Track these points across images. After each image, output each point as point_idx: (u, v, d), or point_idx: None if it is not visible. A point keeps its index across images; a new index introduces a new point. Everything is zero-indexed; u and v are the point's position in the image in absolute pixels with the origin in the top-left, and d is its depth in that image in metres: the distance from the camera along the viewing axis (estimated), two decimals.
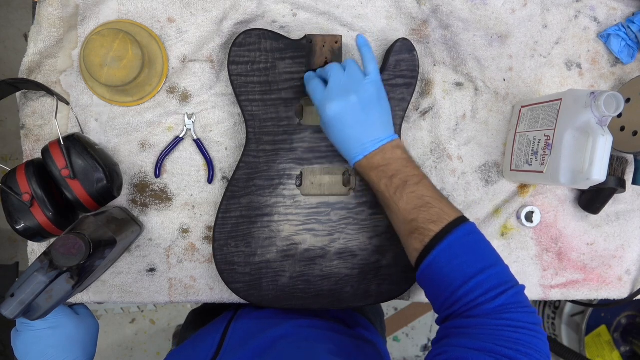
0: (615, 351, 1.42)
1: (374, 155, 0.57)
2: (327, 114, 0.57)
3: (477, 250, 0.53)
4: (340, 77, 0.58)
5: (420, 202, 0.55)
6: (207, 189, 0.72)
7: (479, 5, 0.74)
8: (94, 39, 0.62)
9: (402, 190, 0.56)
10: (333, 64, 0.60)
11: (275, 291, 0.67)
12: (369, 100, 0.57)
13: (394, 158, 0.57)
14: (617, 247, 0.79)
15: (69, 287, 0.53)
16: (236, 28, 0.71)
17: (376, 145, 0.58)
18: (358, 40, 0.62)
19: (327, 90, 0.58)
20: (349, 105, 0.57)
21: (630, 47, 0.76)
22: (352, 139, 0.58)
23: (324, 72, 0.60)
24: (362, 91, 0.57)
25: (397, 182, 0.56)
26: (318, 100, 0.59)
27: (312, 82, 0.60)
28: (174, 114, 0.71)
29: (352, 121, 0.57)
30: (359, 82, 0.58)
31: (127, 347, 1.79)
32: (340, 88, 0.57)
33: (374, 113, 0.58)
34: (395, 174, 0.57)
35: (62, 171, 0.60)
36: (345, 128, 0.58)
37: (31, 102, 0.69)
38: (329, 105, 0.57)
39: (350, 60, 0.60)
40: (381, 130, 0.58)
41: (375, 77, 0.59)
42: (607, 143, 0.57)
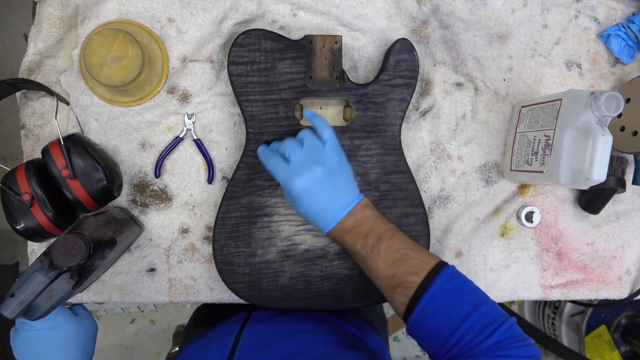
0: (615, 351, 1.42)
1: (346, 220, 0.58)
2: (295, 191, 0.57)
3: (462, 293, 0.53)
4: (300, 152, 0.58)
5: (397, 256, 0.55)
6: (207, 189, 0.72)
7: (479, 5, 0.74)
8: (94, 39, 0.62)
9: (378, 247, 0.56)
10: (288, 141, 0.59)
11: (275, 291, 0.67)
12: (333, 169, 0.58)
13: (364, 217, 0.58)
14: (617, 247, 0.79)
15: (69, 287, 0.53)
16: (236, 28, 0.71)
17: (346, 210, 0.58)
18: (306, 115, 0.61)
19: (290, 167, 0.57)
20: (315, 178, 0.57)
21: (630, 47, 0.76)
22: (323, 209, 0.58)
23: (281, 148, 0.60)
24: (325, 160, 0.57)
25: (371, 240, 0.57)
26: (282, 177, 0.58)
27: (272, 160, 0.59)
28: (174, 114, 0.71)
29: (320, 192, 0.57)
30: (320, 151, 0.58)
31: (127, 347, 1.79)
32: (303, 162, 0.57)
33: (340, 179, 0.58)
34: (369, 232, 0.57)
35: (62, 171, 0.60)
36: (314, 200, 0.58)
37: (31, 102, 0.69)
38: (295, 181, 0.57)
39: (304, 131, 0.60)
40: (348, 194, 0.59)
41: (333, 142, 0.59)
42: (607, 143, 0.57)
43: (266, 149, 0.62)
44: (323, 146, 0.58)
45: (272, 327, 0.66)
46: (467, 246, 0.76)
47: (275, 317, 0.69)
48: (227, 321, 0.72)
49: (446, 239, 0.75)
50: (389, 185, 0.68)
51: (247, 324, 0.67)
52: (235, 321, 0.70)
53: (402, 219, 0.68)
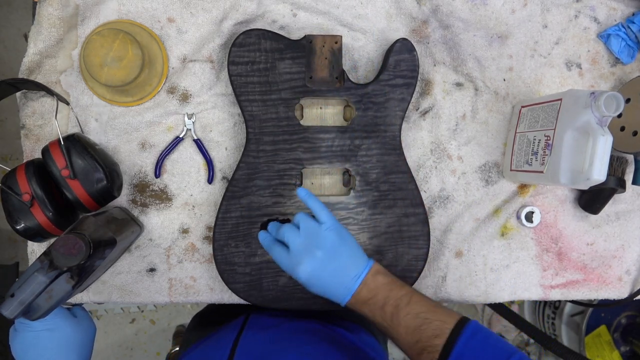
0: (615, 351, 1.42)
1: (360, 291, 0.58)
2: (301, 277, 0.58)
3: (488, 348, 0.53)
4: (298, 238, 0.58)
5: (418, 322, 0.55)
6: (207, 189, 0.72)
7: (479, 5, 0.74)
8: (94, 39, 0.62)
9: (397, 316, 0.56)
10: (286, 227, 0.59)
11: (275, 291, 0.67)
12: (333, 248, 0.58)
13: (377, 287, 0.58)
14: (617, 247, 0.79)
15: (69, 287, 0.53)
16: (236, 28, 0.71)
17: (357, 281, 0.58)
18: (300, 195, 0.61)
19: (290, 255, 0.58)
20: (318, 262, 0.57)
21: (630, 47, 0.76)
22: (334, 287, 0.59)
23: (279, 235, 0.60)
24: (323, 242, 0.58)
25: (389, 309, 0.57)
26: (286, 267, 0.59)
27: (274, 251, 0.60)
28: (174, 114, 0.71)
29: (327, 273, 0.58)
30: (317, 234, 0.58)
31: (127, 347, 1.79)
32: (303, 248, 0.58)
33: (344, 256, 0.59)
34: (385, 302, 0.57)
35: (62, 171, 0.60)
36: (323, 282, 0.58)
37: (31, 102, 0.69)
38: (299, 269, 0.58)
39: (300, 215, 0.60)
40: (355, 266, 0.59)
41: (331, 223, 0.59)
42: (607, 143, 0.57)
43: (267, 236, 0.63)
44: (319, 227, 0.59)
45: (269, 336, 0.66)
46: (467, 246, 0.76)
47: (272, 327, 0.69)
48: (224, 328, 0.72)
49: (446, 239, 0.75)
50: (389, 185, 0.68)
51: (243, 332, 0.67)
52: (232, 328, 0.69)
53: (402, 219, 0.68)
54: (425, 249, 0.69)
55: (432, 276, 0.75)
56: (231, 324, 0.71)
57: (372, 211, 0.68)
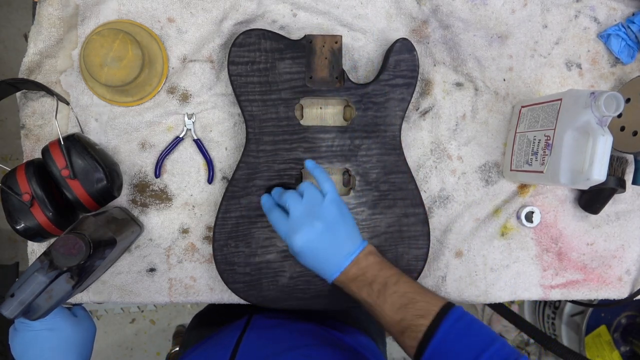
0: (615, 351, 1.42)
1: (350, 269, 0.58)
2: (296, 245, 0.57)
3: (471, 333, 0.53)
4: (300, 205, 0.58)
5: (404, 300, 0.55)
6: (207, 189, 0.72)
7: (479, 5, 0.74)
8: (94, 39, 0.62)
9: (384, 294, 0.56)
10: (289, 193, 0.59)
11: (275, 291, 0.67)
12: (333, 221, 0.58)
13: (368, 265, 0.58)
14: (617, 247, 0.79)
15: (69, 287, 0.53)
16: (236, 28, 0.71)
17: (349, 259, 0.58)
18: (307, 165, 0.62)
19: (289, 221, 0.58)
20: (316, 232, 0.57)
21: (630, 47, 0.76)
22: (325, 261, 0.58)
23: (281, 200, 0.60)
24: (324, 214, 0.57)
25: (377, 287, 0.57)
26: (283, 232, 0.59)
27: (273, 214, 0.60)
28: (174, 114, 0.71)
29: (322, 246, 0.57)
30: (319, 205, 0.58)
31: (127, 347, 1.79)
32: (303, 216, 0.57)
33: (341, 231, 0.58)
34: (374, 279, 0.57)
35: (62, 171, 0.60)
36: (316, 253, 0.58)
37: (31, 102, 0.69)
38: (295, 237, 0.57)
39: (305, 183, 0.60)
40: (350, 243, 0.59)
41: (333, 195, 0.59)
42: (607, 143, 0.57)
43: (269, 199, 0.62)
44: (323, 199, 0.58)
45: (271, 338, 0.66)
46: (467, 246, 0.76)
47: (274, 329, 0.69)
48: (226, 328, 0.72)
49: (446, 239, 0.75)
50: (389, 185, 0.68)
51: (246, 333, 0.67)
52: (234, 329, 0.69)
53: (402, 219, 0.68)
54: (425, 249, 0.69)
55: (432, 276, 0.75)
56: (233, 325, 0.71)
57: (372, 211, 0.68)
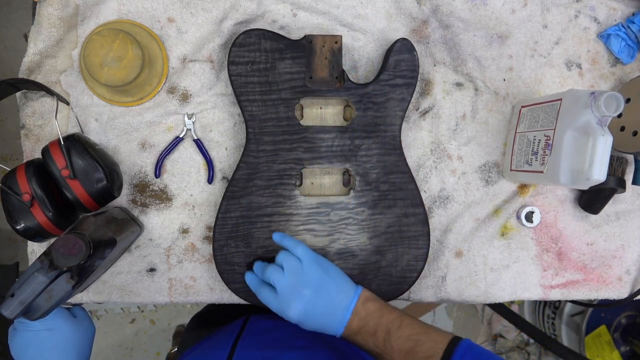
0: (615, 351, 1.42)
1: (351, 322, 0.59)
2: (293, 318, 0.59)
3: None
4: (283, 279, 0.59)
5: (410, 344, 0.56)
6: (207, 189, 0.72)
7: (479, 5, 0.74)
8: (94, 39, 0.62)
9: (389, 341, 0.57)
10: (271, 269, 0.61)
11: None
12: (319, 283, 0.59)
13: (368, 315, 0.59)
14: (617, 247, 0.79)
15: (69, 287, 0.53)
16: (236, 28, 0.71)
17: (348, 312, 0.59)
18: (275, 238, 0.64)
19: (279, 297, 0.59)
20: (307, 301, 0.58)
21: (630, 47, 0.76)
22: (327, 322, 0.59)
23: (265, 277, 0.61)
24: (309, 279, 0.59)
25: (381, 335, 0.57)
26: (276, 308, 0.60)
27: (262, 293, 0.61)
28: (174, 114, 0.71)
29: (318, 310, 0.59)
30: (301, 272, 0.59)
31: (127, 347, 1.79)
32: (290, 288, 0.59)
33: (331, 288, 0.60)
34: (377, 328, 0.58)
35: (62, 171, 0.60)
36: (315, 318, 0.59)
37: (31, 102, 0.69)
38: (289, 311, 0.59)
39: (281, 255, 0.61)
40: (344, 296, 0.60)
41: (309, 257, 0.60)
42: (607, 143, 0.57)
43: (253, 278, 0.64)
44: (301, 265, 0.60)
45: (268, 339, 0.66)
46: (467, 246, 0.76)
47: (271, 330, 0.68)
48: (223, 329, 0.71)
49: (446, 239, 0.75)
50: (389, 185, 0.68)
51: (243, 334, 0.66)
52: (231, 330, 0.69)
53: (402, 219, 0.68)
54: (425, 249, 0.69)
55: (432, 276, 0.75)
56: (230, 326, 0.71)
57: (372, 211, 0.68)
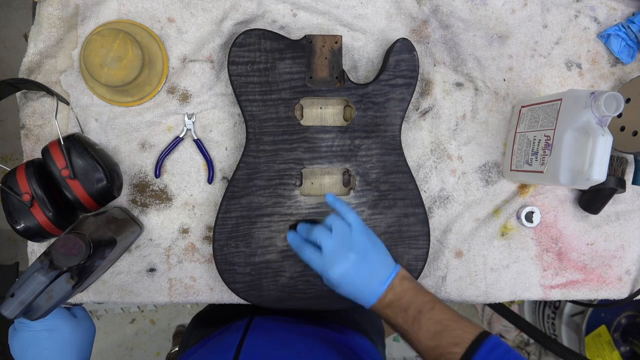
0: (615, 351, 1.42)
1: (385, 295, 0.59)
2: (334, 278, 0.59)
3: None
4: (330, 240, 0.59)
5: (439, 327, 0.56)
6: (207, 189, 0.72)
7: (479, 5, 0.74)
8: (94, 39, 0.62)
9: (419, 320, 0.57)
10: (318, 228, 0.60)
11: (275, 291, 0.67)
12: (365, 250, 0.59)
13: (403, 291, 0.59)
14: (617, 247, 0.79)
15: (69, 287, 0.53)
16: (236, 28, 0.71)
17: (384, 285, 0.59)
18: (328, 199, 0.63)
19: (323, 256, 0.59)
20: (351, 264, 0.58)
21: (630, 47, 0.76)
22: (363, 289, 0.59)
23: (311, 236, 0.61)
24: (356, 244, 0.59)
25: (412, 313, 0.57)
26: (318, 267, 0.60)
27: (305, 251, 0.61)
28: (174, 114, 0.71)
29: (358, 275, 0.59)
30: (349, 236, 0.59)
31: (127, 347, 1.79)
32: (335, 250, 0.58)
33: (374, 258, 0.60)
34: (409, 305, 0.58)
35: (62, 171, 0.60)
36: (353, 283, 0.59)
37: (31, 102, 0.69)
38: (332, 271, 0.58)
39: (332, 216, 0.61)
40: (384, 270, 0.60)
41: (359, 225, 0.60)
42: (607, 143, 0.57)
43: (296, 236, 0.63)
44: (350, 230, 0.59)
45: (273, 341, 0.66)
46: (467, 246, 0.76)
47: (276, 332, 0.68)
48: (227, 330, 0.71)
49: (446, 239, 0.75)
50: (389, 185, 0.68)
51: (247, 335, 0.66)
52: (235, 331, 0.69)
53: (402, 218, 0.68)
54: (425, 249, 0.69)
55: (432, 276, 0.75)
56: (234, 326, 0.71)
57: (372, 211, 0.68)
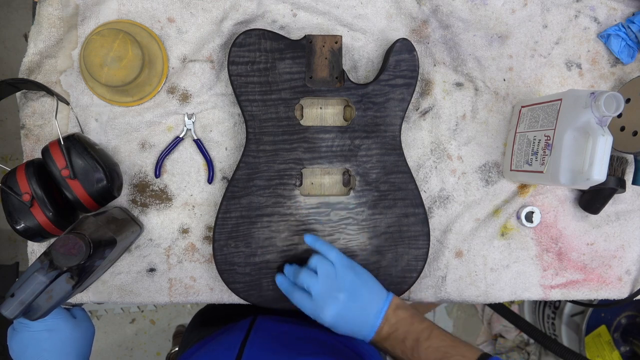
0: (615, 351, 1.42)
1: (382, 328, 0.59)
2: (327, 321, 0.59)
3: None
4: (317, 283, 0.60)
5: (438, 355, 0.56)
6: (207, 189, 0.72)
7: (479, 5, 0.74)
8: (94, 39, 0.62)
9: (417, 350, 0.57)
10: (304, 273, 0.61)
11: (275, 291, 0.67)
12: (353, 288, 0.60)
13: (398, 321, 0.59)
14: (617, 247, 0.79)
15: (69, 287, 0.53)
16: (236, 28, 0.71)
17: (379, 318, 0.59)
18: (307, 240, 0.64)
19: (314, 301, 0.60)
20: (342, 304, 0.59)
21: (630, 47, 0.76)
22: (358, 326, 0.60)
23: (298, 280, 0.62)
24: (343, 284, 0.59)
25: (410, 343, 0.58)
26: (310, 311, 0.61)
27: (295, 296, 0.62)
28: (174, 114, 0.71)
29: (351, 313, 0.59)
30: (334, 277, 0.60)
31: (127, 347, 1.79)
32: (324, 292, 0.59)
33: (363, 293, 0.60)
34: (406, 336, 0.58)
35: (62, 171, 0.60)
36: (347, 322, 0.60)
37: (31, 102, 0.69)
38: (324, 314, 0.59)
39: (314, 258, 0.61)
40: (376, 302, 0.60)
41: (342, 262, 0.61)
42: (607, 143, 0.57)
43: (284, 280, 0.64)
44: (335, 269, 0.60)
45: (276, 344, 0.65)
46: (467, 246, 0.76)
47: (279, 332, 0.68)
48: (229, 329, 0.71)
49: (446, 239, 0.75)
50: (389, 185, 0.68)
51: (250, 337, 0.66)
52: (237, 330, 0.69)
53: (402, 219, 0.68)
54: (425, 249, 0.69)
55: (432, 276, 0.75)
56: (236, 326, 0.70)
57: (372, 211, 0.68)
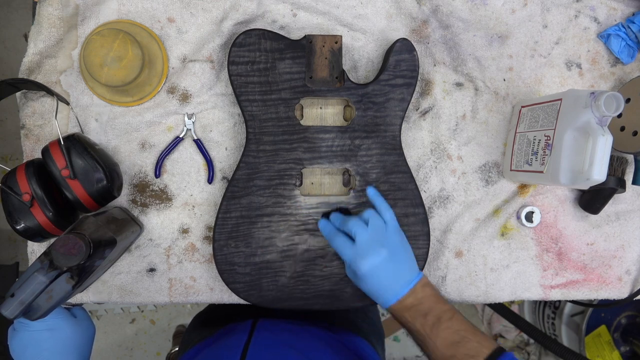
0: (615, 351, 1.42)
1: (406, 298, 0.60)
2: (362, 269, 0.59)
3: None
4: (366, 233, 0.60)
5: (456, 337, 0.57)
6: (207, 189, 0.72)
7: (479, 5, 0.74)
8: (94, 39, 0.62)
9: (437, 327, 0.58)
10: (354, 220, 0.61)
11: (275, 291, 0.67)
12: (396, 249, 0.60)
13: (424, 296, 0.60)
14: (617, 247, 0.79)
15: (69, 287, 0.53)
16: (236, 28, 0.71)
17: (407, 288, 0.60)
18: (369, 192, 0.64)
19: (356, 247, 0.60)
20: (381, 259, 0.59)
21: (630, 47, 0.76)
22: (385, 287, 0.60)
23: (346, 226, 0.62)
24: (389, 242, 0.60)
25: (431, 319, 0.58)
26: (349, 257, 0.61)
27: (338, 239, 0.62)
28: (174, 114, 0.71)
29: (385, 272, 0.60)
30: (384, 233, 0.61)
31: (127, 347, 1.79)
32: (369, 243, 0.60)
33: (403, 259, 0.61)
34: (429, 311, 0.59)
35: (62, 171, 0.60)
36: (378, 280, 0.60)
37: (31, 102, 0.69)
38: (362, 262, 0.59)
39: (369, 211, 0.62)
40: (409, 273, 0.61)
41: (395, 225, 0.62)
42: (607, 143, 0.57)
43: (328, 224, 0.64)
44: (386, 227, 0.61)
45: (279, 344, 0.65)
46: (467, 246, 0.76)
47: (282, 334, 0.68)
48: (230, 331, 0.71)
49: (446, 239, 0.75)
50: (389, 185, 0.68)
51: (253, 338, 0.66)
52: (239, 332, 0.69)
53: (402, 219, 0.68)
54: (425, 249, 0.69)
55: (432, 276, 0.75)
56: (239, 327, 0.70)
57: None
